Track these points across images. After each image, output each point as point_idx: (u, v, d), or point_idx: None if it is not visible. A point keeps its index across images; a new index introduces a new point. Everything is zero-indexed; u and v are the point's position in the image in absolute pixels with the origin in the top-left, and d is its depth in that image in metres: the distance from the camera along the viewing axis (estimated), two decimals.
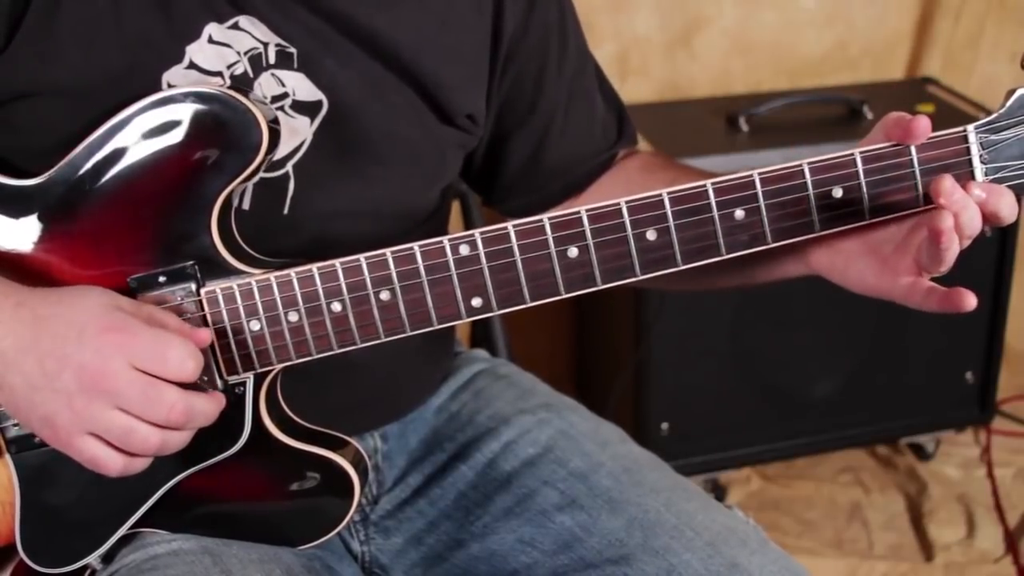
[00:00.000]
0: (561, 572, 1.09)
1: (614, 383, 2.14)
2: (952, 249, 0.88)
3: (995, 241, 2.15)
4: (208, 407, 0.92)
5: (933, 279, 0.92)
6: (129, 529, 1.01)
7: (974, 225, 0.89)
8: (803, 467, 2.33)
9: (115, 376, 0.87)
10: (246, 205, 1.01)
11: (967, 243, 0.90)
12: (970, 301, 0.88)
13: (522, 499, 1.14)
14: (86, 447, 0.90)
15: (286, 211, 1.03)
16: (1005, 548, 2.12)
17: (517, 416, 1.20)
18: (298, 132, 1.02)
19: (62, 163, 0.94)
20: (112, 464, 0.90)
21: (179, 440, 0.91)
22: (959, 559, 2.10)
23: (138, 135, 0.93)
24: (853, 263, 0.96)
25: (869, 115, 2.12)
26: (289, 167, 1.02)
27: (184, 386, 0.89)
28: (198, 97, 0.92)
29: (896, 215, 0.93)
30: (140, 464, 0.92)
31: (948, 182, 0.87)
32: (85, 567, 1.02)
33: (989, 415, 2.33)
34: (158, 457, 0.93)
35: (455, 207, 1.62)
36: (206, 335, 0.92)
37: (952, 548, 2.13)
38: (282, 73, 1.01)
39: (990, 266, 2.17)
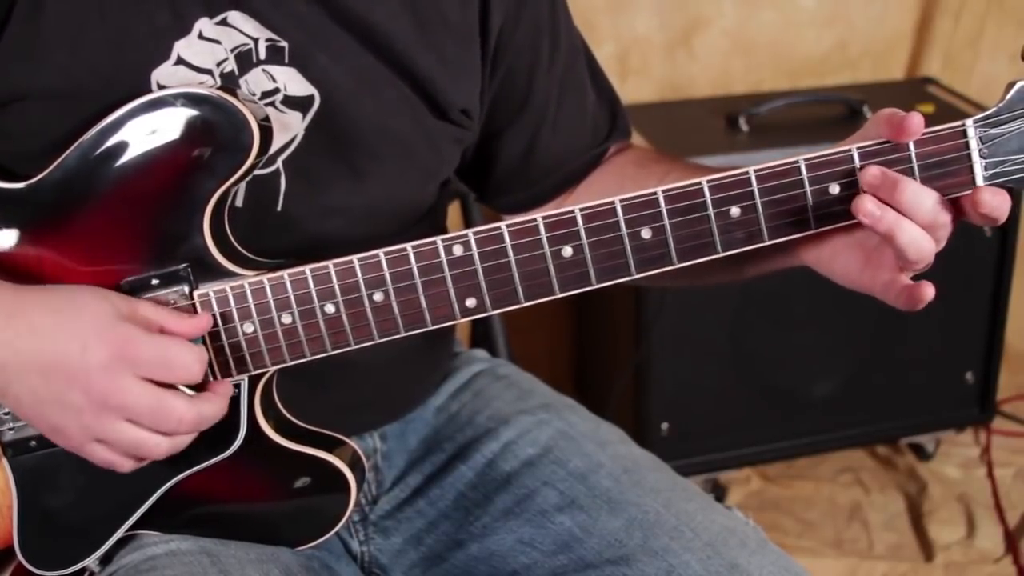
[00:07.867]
0: (560, 572, 1.08)
1: (614, 383, 2.14)
2: (913, 245, 0.88)
3: (995, 241, 2.14)
4: (215, 408, 0.93)
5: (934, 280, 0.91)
6: (127, 531, 1.01)
7: (922, 249, 0.89)
8: (803, 467, 2.33)
9: (124, 392, 0.88)
10: (239, 202, 1.01)
11: (921, 265, 0.90)
12: (927, 292, 0.89)
13: (522, 499, 1.14)
14: (98, 453, 0.92)
15: (279, 208, 1.03)
16: (1005, 548, 2.12)
17: (517, 416, 1.20)
18: (289, 127, 1.01)
19: (53, 166, 0.93)
20: (124, 467, 0.94)
21: (188, 441, 0.94)
22: (959, 559, 2.10)
23: (129, 137, 0.92)
24: (839, 256, 0.95)
25: (869, 115, 2.08)
26: (279, 163, 1.02)
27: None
28: (189, 98, 0.92)
29: None
30: (150, 463, 0.95)
31: (870, 204, 0.88)
32: (83, 569, 1.02)
33: (989, 415, 2.32)
34: (154, 460, 0.94)
35: (455, 207, 1.62)
36: (206, 320, 0.93)
37: (952, 548, 2.12)
38: (273, 68, 1.00)
39: (990, 266, 2.17)
